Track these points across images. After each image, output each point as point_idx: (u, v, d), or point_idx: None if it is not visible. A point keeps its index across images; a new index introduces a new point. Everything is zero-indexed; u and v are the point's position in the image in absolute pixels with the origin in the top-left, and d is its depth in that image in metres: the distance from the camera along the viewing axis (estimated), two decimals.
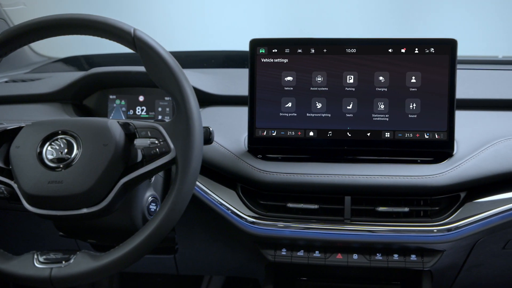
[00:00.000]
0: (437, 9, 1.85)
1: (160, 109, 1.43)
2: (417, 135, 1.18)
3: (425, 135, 1.18)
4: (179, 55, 1.28)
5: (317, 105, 1.21)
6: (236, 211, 1.19)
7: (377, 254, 1.18)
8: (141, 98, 1.44)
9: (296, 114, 1.22)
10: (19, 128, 1.05)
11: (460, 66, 1.23)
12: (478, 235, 1.15)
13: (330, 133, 1.21)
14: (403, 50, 1.19)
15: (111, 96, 1.45)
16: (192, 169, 0.96)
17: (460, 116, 1.22)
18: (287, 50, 1.22)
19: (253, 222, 1.18)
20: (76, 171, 0.97)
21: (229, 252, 1.37)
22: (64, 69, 1.84)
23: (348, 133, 1.20)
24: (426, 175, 1.14)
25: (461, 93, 1.24)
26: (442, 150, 1.18)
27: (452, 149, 1.18)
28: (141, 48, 1.00)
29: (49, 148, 0.99)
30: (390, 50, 1.19)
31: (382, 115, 1.19)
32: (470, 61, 1.60)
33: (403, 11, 1.88)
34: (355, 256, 1.19)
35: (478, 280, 1.35)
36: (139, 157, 1.03)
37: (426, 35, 1.19)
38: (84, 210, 0.97)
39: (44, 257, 0.97)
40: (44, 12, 1.06)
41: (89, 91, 1.45)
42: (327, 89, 1.21)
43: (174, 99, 1.00)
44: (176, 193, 0.95)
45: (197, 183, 1.20)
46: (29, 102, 1.46)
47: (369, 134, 1.20)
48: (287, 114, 1.22)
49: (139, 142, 0.99)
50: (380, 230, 1.15)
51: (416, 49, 1.18)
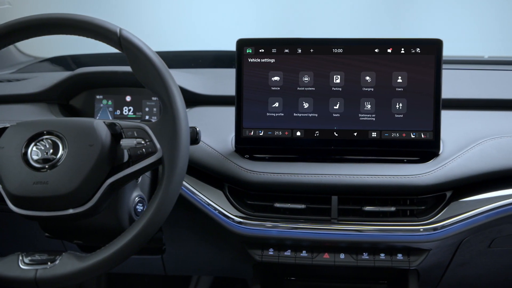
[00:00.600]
0: (424, 9, 1.86)
1: (147, 109, 1.43)
2: (403, 134, 1.19)
3: (411, 135, 1.19)
4: (166, 55, 1.27)
5: (304, 105, 1.21)
6: (223, 211, 1.19)
7: (364, 254, 1.19)
8: (128, 98, 1.44)
9: (283, 114, 1.22)
10: (4, 129, 1.04)
11: (446, 66, 1.24)
12: (463, 234, 1.16)
13: (317, 133, 1.21)
14: (389, 50, 1.19)
15: (98, 96, 1.44)
16: (178, 169, 0.96)
17: (446, 116, 1.23)
18: (274, 50, 1.22)
19: (240, 222, 1.18)
20: (61, 172, 0.96)
21: (217, 252, 1.37)
22: (50, 69, 1.82)
23: (335, 133, 1.21)
24: (412, 174, 1.15)
25: (447, 93, 1.25)
26: (428, 149, 1.19)
27: (438, 149, 1.19)
28: (127, 48, 1.00)
29: (34, 148, 0.99)
30: (376, 50, 1.19)
31: (368, 115, 1.20)
32: (456, 61, 1.61)
33: (390, 11, 1.89)
34: (342, 256, 1.19)
35: (464, 279, 1.37)
36: (126, 157, 1.02)
37: (412, 35, 1.20)
38: (70, 211, 0.97)
39: (29, 258, 0.96)
40: (30, 11, 1.05)
41: (75, 91, 1.44)
42: (314, 89, 1.21)
43: (161, 99, 1.00)
44: (163, 194, 0.95)
45: (184, 183, 1.20)
46: (14, 102, 1.45)
47: (355, 134, 1.20)
48: (274, 114, 1.22)
49: (125, 142, 0.99)
50: (367, 230, 1.15)
51: (402, 49, 1.19)
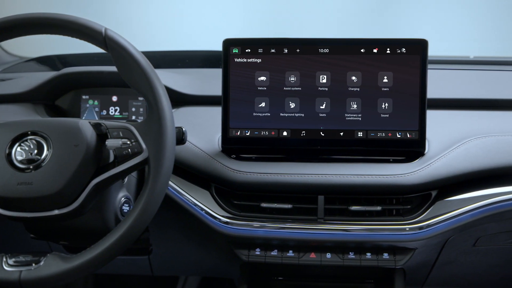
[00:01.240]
0: (410, 10, 1.87)
1: (133, 109, 1.42)
2: (389, 134, 1.20)
3: (397, 135, 1.20)
4: (153, 55, 1.27)
5: (291, 105, 1.21)
6: (209, 211, 1.18)
7: (350, 253, 1.19)
8: (115, 98, 1.43)
9: (269, 114, 1.22)
10: None
11: (431, 66, 1.25)
12: (449, 232, 1.16)
13: (303, 133, 1.21)
14: (375, 50, 1.20)
15: (84, 97, 1.43)
16: (164, 169, 0.96)
17: (432, 115, 1.24)
18: (260, 50, 1.22)
19: (226, 222, 1.18)
20: (46, 172, 0.96)
21: (204, 253, 1.37)
22: (36, 68, 1.81)
23: (321, 133, 1.21)
24: (398, 174, 1.15)
25: (432, 92, 1.26)
26: (413, 149, 1.19)
27: (424, 148, 1.19)
28: (113, 48, 1.00)
29: (18, 149, 0.98)
30: (362, 50, 1.20)
31: (354, 115, 1.20)
32: (442, 61, 1.62)
33: (376, 11, 1.90)
34: (328, 255, 1.20)
35: (450, 277, 1.38)
36: (111, 157, 1.02)
37: (398, 35, 1.21)
38: (56, 212, 0.97)
39: (14, 259, 0.96)
40: (13, 11, 1.04)
41: (61, 91, 1.43)
42: (300, 89, 1.21)
43: (146, 99, 0.99)
44: (149, 194, 0.95)
45: (171, 184, 1.20)
46: None
47: (342, 133, 1.21)
48: (260, 114, 1.22)
49: (110, 142, 0.99)
50: (353, 229, 1.16)
51: (388, 49, 1.19)
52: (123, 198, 1.13)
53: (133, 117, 1.42)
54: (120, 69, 1.01)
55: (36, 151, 0.98)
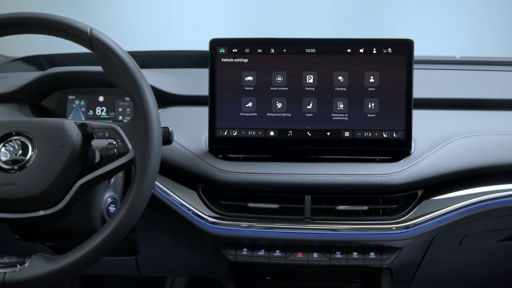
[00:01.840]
0: (397, 10, 1.88)
1: (120, 109, 1.42)
2: (376, 134, 1.20)
3: (384, 134, 1.20)
4: (140, 55, 1.27)
5: (278, 104, 1.21)
6: (196, 211, 1.18)
7: (337, 253, 1.20)
8: (101, 99, 1.42)
9: (256, 114, 1.22)
10: None
11: (418, 66, 1.25)
12: (435, 232, 1.17)
13: (290, 133, 1.21)
14: (361, 50, 1.20)
15: (70, 97, 1.42)
16: (150, 169, 0.95)
17: (418, 115, 1.24)
18: (247, 50, 1.22)
19: (213, 222, 1.18)
20: (31, 173, 0.95)
21: (191, 253, 1.36)
22: (22, 68, 1.80)
23: (308, 133, 1.21)
24: (384, 173, 1.16)
25: (419, 92, 1.26)
26: (399, 148, 1.20)
27: (410, 148, 1.20)
28: (98, 47, 0.99)
29: (2, 149, 0.97)
30: (348, 50, 1.20)
31: (341, 115, 1.21)
32: (428, 61, 1.63)
33: (363, 12, 1.91)
34: (315, 255, 1.20)
35: (436, 276, 1.38)
36: (97, 158, 1.02)
37: (385, 35, 1.21)
38: (41, 213, 0.96)
39: None
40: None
41: (47, 92, 1.42)
42: (287, 89, 1.21)
43: (132, 99, 0.99)
44: (134, 194, 0.94)
45: (158, 184, 1.20)
46: None
47: (328, 133, 1.21)
48: (247, 114, 1.22)
49: (96, 143, 0.98)
50: (340, 229, 1.16)
51: (374, 49, 1.20)
52: (109, 199, 1.12)
53: (120, 117, 1.42)
54: (106, 69, 1.00)
55: (20, 151, 0.97)
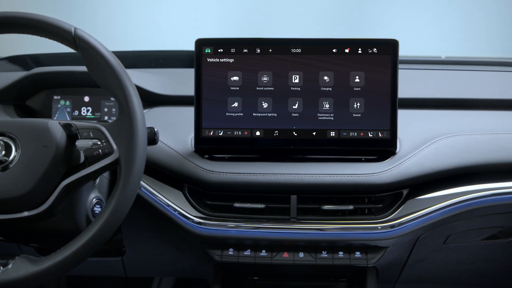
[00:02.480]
0: (382, 10, 1.89)
1: (106, 109, 1.41)
2: (361, 134, 1.21)
3: (369, 134, 1.21)
4: (126, 55, 1.26)
5: (263, 104, 1.21)
6: (182, 211, 1.18)
7: (323, 252, 1.20)
8: (87, 99, 1.42)
9: (242, 114, 1.22)
10: None
11: (403, 66, 1.26)
12: (420, 231, 1.18)
13: (276, 133, 1.21)
14: (347, 50, 1.20)
15: (55, 97, 1.41)
16: (135, 169, 0.95)
17: (403, 115, 1.25)
18: (233, 50, 1.22)
19: (199, 223, 1.17)
20: (14, 174, 0.95)
21: (178, 253, 1.36)
22: (7, 68, 1.78)
23: (294, 133, 1.21)
24: (370, 173, 1.16)
25: (404, 92, 1.27)
26: (385, 148, 1.20)
27: (395, 148, 1.20)
28: (82, 47, 0.99)
29: None
30: (334, 50, 1.20)
31: (327, 115, 1.21)
32: (413, 61, 1.64)
33: (348, 12, 1.91)
34: (301, 255, 1.20)
35: (421, 275, 1.39)
36: (82, 158, 1.01)
37: (371, 35, 1.22)
38: (25, 214, 0.96)
39: None
40: None
41: (32, 92, 1.41)
42: (273, 88, 1.21)
43: (117, 99, 0.99)
44: (119, 194, 0.94)
45: (143, 184, 1.19)
46: None
47: (314, 133, 1.21)
48: (233, 114, 1.22)
49: (81, 143, 0.98)
50: (326, 228, 1.16)
51: (360, 49, 1.20)
52: (94, 199, 1.12)
53: (106, 118, 1.41)
54: (90, 69, 1.00)
55: (4, 152, 0.96)
